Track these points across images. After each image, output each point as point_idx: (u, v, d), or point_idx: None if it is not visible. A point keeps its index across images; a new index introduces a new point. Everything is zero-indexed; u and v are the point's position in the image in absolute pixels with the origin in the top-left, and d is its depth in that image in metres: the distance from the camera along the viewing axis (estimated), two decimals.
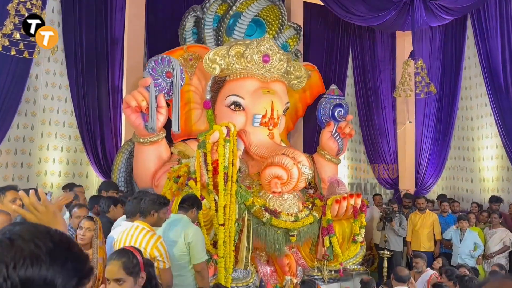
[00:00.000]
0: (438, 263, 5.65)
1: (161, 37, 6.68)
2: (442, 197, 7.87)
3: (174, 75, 5.51)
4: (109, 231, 3.79)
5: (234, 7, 6.34)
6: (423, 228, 6.95)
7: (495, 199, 7.09)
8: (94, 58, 6.63)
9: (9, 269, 0.81)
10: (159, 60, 5.51)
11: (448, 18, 7.52)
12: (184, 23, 6.47)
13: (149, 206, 3.30)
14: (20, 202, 3.02)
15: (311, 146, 7.61)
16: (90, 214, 4.16)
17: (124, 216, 3.71)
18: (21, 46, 5.06)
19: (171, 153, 5.96)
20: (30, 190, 1.57)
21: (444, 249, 7.02)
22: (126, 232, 3.25)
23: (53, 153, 6.46)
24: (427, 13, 7.25)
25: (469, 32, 8.20)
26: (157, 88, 5.42)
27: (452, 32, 8.45)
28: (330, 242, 5.41)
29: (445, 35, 8.57)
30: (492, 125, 7.71)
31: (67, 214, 4.43)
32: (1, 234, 0.87)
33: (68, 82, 6.53)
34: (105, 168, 6.51)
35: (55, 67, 6.53)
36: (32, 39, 5.00)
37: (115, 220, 4.12)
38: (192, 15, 6.41)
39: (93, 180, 6.67)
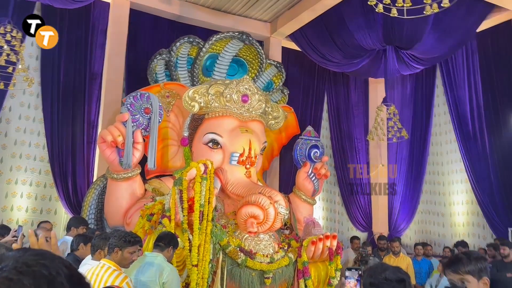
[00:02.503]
0: None
1: (141, 74, 6.71)
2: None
3: (153, 111, 5.50)
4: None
5: (204, 49, 6.49)
6: None
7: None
8: (71, 93, 6.58)
9: None
10: (138, 96, 5.51)
11: (419, 67, 7.88)
12: (153, 65, 6.56)
13: (114, 242, 3.13)
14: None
15: (287, 186, 7.62)
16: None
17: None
18: None
19: (145, 190, 5.84)
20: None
21: None
22: (92, 270, 3.11)
23: (22, 188, 6.24)
24: (398, 62, 7.58)
25: (439, 81, 8.59)
26: (135, 123, 5.38)
27: (423, 81, 8.83)
28: (306, 285, 5.30)
29: (416, 83, 8.95)
30: (462, 170, 7.95)
31: None
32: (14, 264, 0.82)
33: (43, 116, 6.43)
34: (74, 204, 6.31)
35: (30, 100, 6.44)
36: (10, 70, 4.94)
37: (83, 258, 3.95)
38: (159, 58, 6.51)
39: (62, 217, 6.43)
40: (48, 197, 6.43)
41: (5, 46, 4.82)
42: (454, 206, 8.19)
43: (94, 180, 6.32)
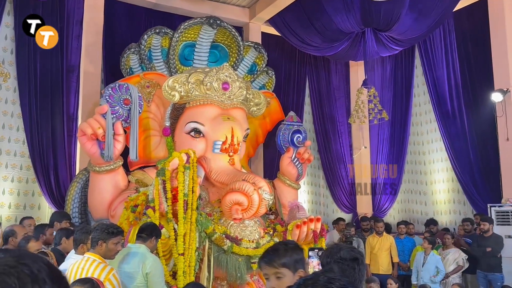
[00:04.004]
0: (391, 284, 5.73)
1: (119, 65, 6.62)
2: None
3: (132, 102, 5.44)
4: (60, 264, 3.61)
5: (174, 38, 6.37)
6: (381, 251, 7.09)
7: (432, 222, 7.49)
8: (48, 86, 6.47)
9: None
10: (117, 87, 5.44)
11: (398, 48, 7.94)
12: (125, 61, 6.47)
13: (97, 235, 3.16)
14: None
15: (271, 172, 7.68)
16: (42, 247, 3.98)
17: None
18: None
19: (129, 181, 5.82)
20: None
21: (402, 271, 7.17)
22: (77, 264, 3.12)
23: (3, 184, 6.16)
24: (377, 44, 7.62)
25: (417, 61, 8.68)
26: (115, 115, 5.33)
27: (402, 62, 8.91)
28: None
29: (395, 64, 9.03)
30: (442, 149, 8.10)
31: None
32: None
33: (21, 110, 6.32)
34: (58, 198, 6.26)
35: (7, 94, 6.32)
36: None
37: (67, 253, 3.94)
38: (129, 53, 6.41)
39: (46, 212, 6.39)
40: (31, 193, 6.37)
41: None
42: (435, 185, 8.36)
43: (76, 173, 6.27)
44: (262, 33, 8.41)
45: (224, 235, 5.02)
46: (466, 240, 6.73)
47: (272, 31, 8.38)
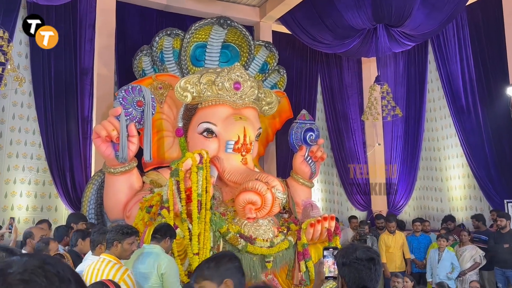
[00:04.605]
0: (408, 282, 5.68)
1: (132, 67, 6.68)
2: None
3: (145, 103, 5.49)
4: (77, 266, 3.67)
5: (185, 40, 6.42)
6: (396, 249, 7.03)
7: (450, 218, 7.39)
8: (63, 89, 6.57)
9: None
10: (130, 89, 5.50)
11: (410, 44, 7.86)
12: (137, 63, 6.53)
13: (112, 236, 3.20)
14: None
15: (284, 170, 7.67)
16: (60, 248, 4.04)
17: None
18: None
19: (143, 182, 5.88)
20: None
21: (417, 269, 7.11)
22: (93, 265, 3.16)
23: (20, 187, 6.28)
24: (390, 40, 7.55)
25: (431, 57, 8.57)
26: (128, 117, 5.38)
27: (415, 57, 8.81)
28: (306, 267, 5.38)
29: (408, 60, 8.93)
30: (457, 145, 7.99)
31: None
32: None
33: (36, 114, 6.43)
34: (74, 200, 6.36)
35: (23, 98, 6.43)
36: None
37: (83, 254, 4.01)
38: (141, 55, 6.47)
39: (62, 213, 6.49)
40: (47, 195, 6.47)
41: None
42: (451, 181, 8.26)
43: (92, 175, 6.36)
44: (273, 31, 8.40)
45: (238, 235, 5.04)
46: (481, 237, 6.63)
47: (283, 29, 8.36)
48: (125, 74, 6.84)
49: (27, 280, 0.84)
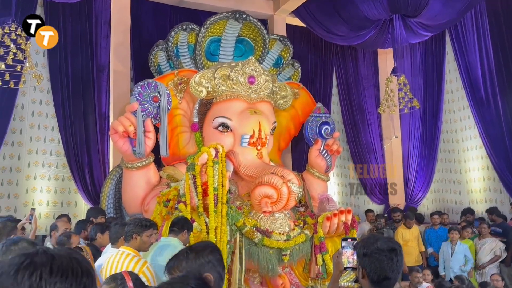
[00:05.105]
0: (429, 275, 5.64)
1: (147, 63, 6.73)
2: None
3: (161, 99, 5.54)
4: (96, 259, 3.74)
5: (200, 34, 6.43)
6: (414, 242, 6.97)
7: (469, 211, 7.28)
8: (80, 86, 6.65)
9: None
10: (145, 85, 5.55)
11: (427, 34, 7.73)
12: (153, 58, 6.57)
13: (131, 229, 3.26)
14: None
15: (300, 164, 7.65)
16: (81, 241, 4.12)
17: None
18: (7, 76, 5.07)
19: (160, 177, 5.93)
20: None
21: (436, 262, 7.03)
22: (112, 258, 3.21)
23: (41, 183, 6.40)
24: (406, 31, 7.44)
25: (449, 47, 8.42)
26: (144, 112, 5.43)
27: (432, 48, 8.67)
28: (323, 260, 5.38)
29: (425, 51, 8.79)
30: (476, 137, 7.86)
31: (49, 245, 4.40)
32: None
33: (55, 111, 6.53)
34: (93, 195, 6.46)
35: (41, 96, 6.54)
36: (18, 68, 5.02)
37: (102, 247, 4.08)
38: (157, 50, 6.51)
39: (82, 208, 6.60)
40: (67, 190, 6.59)
41: (11, 45, 4.88)
42: (470, 173, 8.13)
43: (110, 170, 6.44)
44: (287, 25, 8.34)
45: (254, 228, 5.05)
46: (496, 229, 6.52)
47: (297, 22, 8.30)
48: (141, 70, 6.89)
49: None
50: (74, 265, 0.99)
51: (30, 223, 4.75)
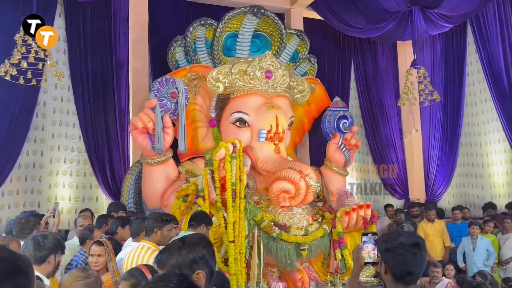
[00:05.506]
0: (452, 270, 5.56)
1: (165, 59, 6.78)
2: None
3: (179, 95, 5.58)
4: (117, 253, 3.79)
5: (218, 29, 6.43)
6: (435, 237, 6.87)
7: (490, 206, 7.13)
8: (100, 83, 6.75)
9: None
10: (164, 81, 5.60)
11: (448, 25, 7.57)
12: (171, 53, 6.61)
13: (151, 224, 3.30)
14: None
15: (318, 159, 7.61)
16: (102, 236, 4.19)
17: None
18: (29, 74, 5.18)
19: (179, 172, 5.99)
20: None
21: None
22: (133, 252, 3.26)
23: (63, 178, 6.53)
24: (426, 22, 7.30)
25: (470, 38, 8.23)
26: (163, 108, 5.49)
27: (453, 40, 8.49)
28: (342, 255, 5.35)
29: (446, 42, 8.61)
30: (499, 129, 7.68)
31: (75, 238, 4.50)
32: None
33: (75, 108, 6.64)
34: (114, 190, 6.56)
35: (62, 93, 6.66)
36: (39, 66, 5.12)
37: (122, 241, 4.14)
38: (175, 45, 6.55)
39: (103, 203, 6.72)
40: (88, 185, 6.72)
41: (33, 44, 4.98)
42: (493, 167, 7.96)
43: (130, 166, 6.54)
44: (304, 18, 8.28)
45: (272, 223, 5.05)
46: None
47: (314, 15, 8.23)
48: (159, 66, 6.95)
49: None
50: (6, 266, 0.97)
51: (54, 216, 4.86)
